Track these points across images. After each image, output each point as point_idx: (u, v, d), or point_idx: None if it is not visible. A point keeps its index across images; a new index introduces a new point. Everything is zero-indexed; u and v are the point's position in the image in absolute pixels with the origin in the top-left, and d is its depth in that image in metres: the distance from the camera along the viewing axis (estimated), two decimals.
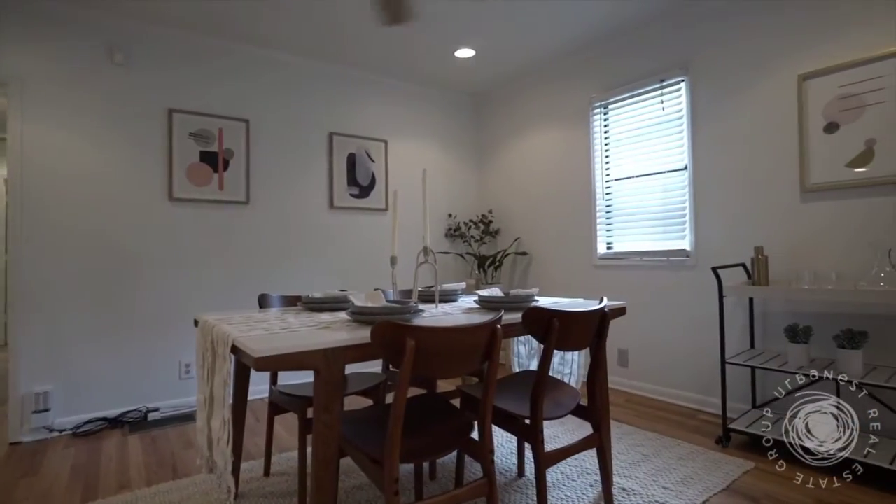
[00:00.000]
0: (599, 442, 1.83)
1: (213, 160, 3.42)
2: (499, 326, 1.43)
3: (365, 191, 4.09)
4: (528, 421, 1.66)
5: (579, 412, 1.87)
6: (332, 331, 1.45)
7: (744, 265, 2.73)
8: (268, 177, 3.64)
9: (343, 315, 1.83)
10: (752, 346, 2.72)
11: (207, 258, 3.37)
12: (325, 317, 1.79)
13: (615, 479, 2.11)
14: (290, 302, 2.26)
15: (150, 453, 2.53)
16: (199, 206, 3.36)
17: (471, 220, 4.60)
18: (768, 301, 2.72)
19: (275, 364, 1.19)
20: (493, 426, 2.17)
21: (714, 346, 2.95)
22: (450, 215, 4.61)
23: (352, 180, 4.03)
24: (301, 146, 3.80)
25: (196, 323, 1.89)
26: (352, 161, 4.03)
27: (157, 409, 3.08)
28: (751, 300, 2.74)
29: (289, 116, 3.75)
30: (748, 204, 2.81)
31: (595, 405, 1.84)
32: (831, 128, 2.50)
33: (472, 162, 4.83)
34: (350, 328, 1.50)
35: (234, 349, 1.36)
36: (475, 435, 1.52)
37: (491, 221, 4.55)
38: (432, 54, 3.77)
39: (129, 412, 3.01)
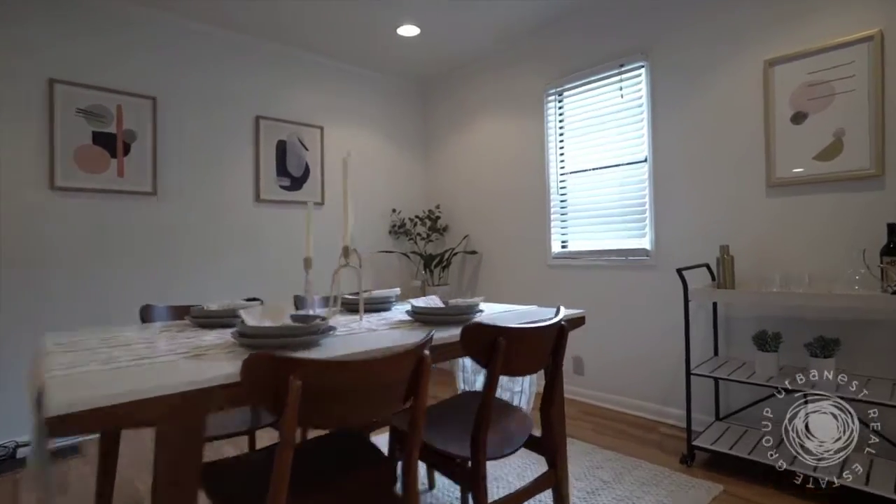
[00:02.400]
0: (556, 480, 1.52)
1: (111, 143, 2.89)
2: (427, 353, 1.08)
3: (297, 182, 3.64)
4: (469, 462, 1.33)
5: (532, 444, 1.56)
6: (205, 361, 1.06)
7: (708, 266, 2.52)
8: (180, 164, 3.14)
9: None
10: (716, 353, 2.52)
11: (102, 259, 2.83)
12: (211, 337, 1.39)
13: None
14: (180, 314, 1.82)
15: (20, 501, 2.02)
16: (91, 196, 2.82)
17: (416, 217, 4.23)
18: (732, 304, 2.52)
19: (80, 424, 0.80)
20: (430, 466, 1.84)
21: (675, 353, 2.74)
22: (394, 210, 4.23)
23: (282, 170, 3.57)
24: (221, 130, 3.31)
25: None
26: (282, 149, 3.58)
27: (28, 444, 2.54)
28: (714, 303, 2.54)
29: (206, 96, 3.25)
30: (712, 199, 2.61)
31: (551, 436, 1.53)
32: (799, 118, 2.32)
33: (417, 153, 4.46)
34: (233, 356, 1.11)
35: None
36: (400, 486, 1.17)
37: (438, 217, 4.21)
38: (373, 31, 3.38)
39: None
